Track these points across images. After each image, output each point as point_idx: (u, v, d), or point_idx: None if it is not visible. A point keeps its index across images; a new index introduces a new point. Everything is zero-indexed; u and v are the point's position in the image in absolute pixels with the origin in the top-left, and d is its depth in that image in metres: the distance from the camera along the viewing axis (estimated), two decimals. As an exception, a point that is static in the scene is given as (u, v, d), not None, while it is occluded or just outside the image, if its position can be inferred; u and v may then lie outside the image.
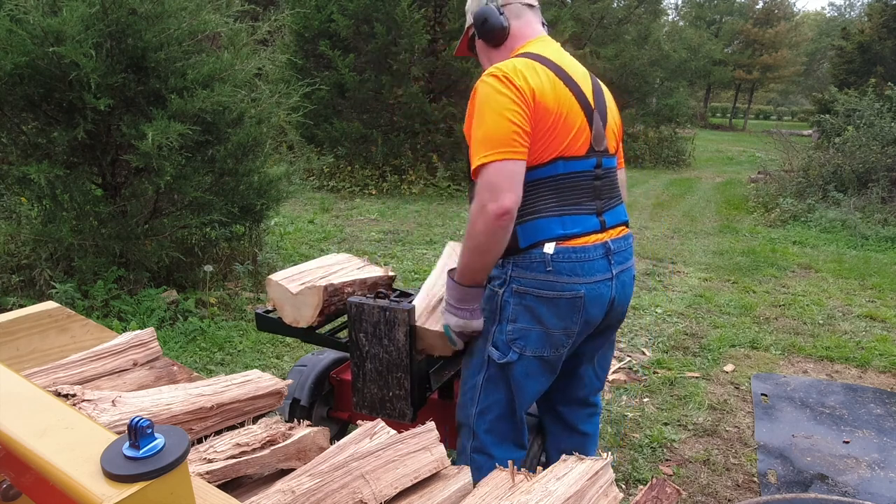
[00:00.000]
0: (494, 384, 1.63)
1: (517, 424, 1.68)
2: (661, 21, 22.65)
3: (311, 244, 5.76)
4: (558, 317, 1.54)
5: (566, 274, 1.51)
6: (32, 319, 1.29)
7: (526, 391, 1.63)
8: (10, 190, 3.77)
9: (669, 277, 5.35)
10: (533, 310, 1.54)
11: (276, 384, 1.26)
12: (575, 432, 1.89)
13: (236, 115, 3.77)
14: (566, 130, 1.51)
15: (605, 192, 1.62)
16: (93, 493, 0.59)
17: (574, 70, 1.59)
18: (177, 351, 3.32)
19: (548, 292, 1.52)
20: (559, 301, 1.53)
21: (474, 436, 1.68)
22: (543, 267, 1.51)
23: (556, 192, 1.53)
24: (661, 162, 14.21)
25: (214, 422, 1.15)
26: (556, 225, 1.52)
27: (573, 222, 1.54)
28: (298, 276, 1.91)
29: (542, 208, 1.53)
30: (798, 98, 44.48)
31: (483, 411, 1.66)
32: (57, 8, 3.20)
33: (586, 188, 1.57)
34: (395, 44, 8.12)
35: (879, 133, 8.30)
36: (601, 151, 1.59)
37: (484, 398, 1.65)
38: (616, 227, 1.64)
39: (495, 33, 1.63)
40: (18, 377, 0.82)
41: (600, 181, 1.60)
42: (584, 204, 1.57)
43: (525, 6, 1.67)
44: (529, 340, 1.56)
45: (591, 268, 1.53)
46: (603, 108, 1.62)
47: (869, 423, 2.98)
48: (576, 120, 1.52)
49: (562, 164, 1.52)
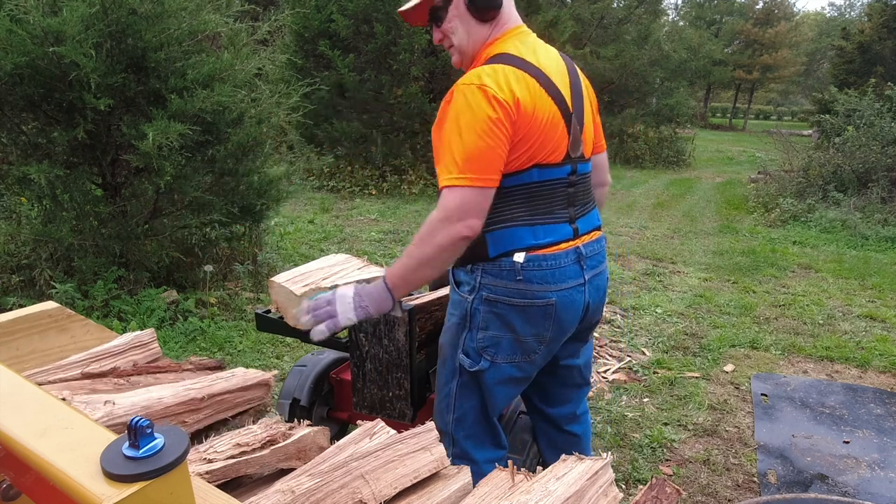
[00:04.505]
0: (468, 391, 1.61)
1: (493, 427, 1.67)
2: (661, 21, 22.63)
3: (311, 244, 5.76)
4: (530, 324, 1.51)
5: (537, 282, 1.48)
6: (32, 319, 1.29)
7: (497, 397, 1.61)
8: (10, 190, 3.77)
9: (669, 277, 5.35)
10: (503, 317, 1.51)
11: (264, 375, 1.28)
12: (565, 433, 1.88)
13: (236, 115, 3.77)
14: (545, 139, 1.46)
15: (579, 198, 1.58)
16: (93, 493, 0.59)
17: (552, 69, 1.51)
18: (177, 351, 3.32)
19: (518, 300, 1.49)
20: (530, 308, 1.50)
21: (454, 442, 1.67)
22: (514, 275, 1.48)
23: (528, 200, 1.49)
24: (661, 162, 14.21)
25: (207, 413, 1.15)
26: (527, 234, 1.49)
27: (545, 231, 1.50)
28: (301, 278, 1.90)
29: (514, 217, 1.49)
30: (798, 98, 44.49)
31: (460, 418, 1.64)
32: (57, 8, 3.20)
33: (560, 196, 1.53)
34: (394, 44, 8.12)
35: (879, 133, 8.30)
36: (577, 158, 1.55)
37: (459, 405, 1.63)
38: (589, 232, 1.61)
39: (490, 6, 1.50)
40: (18, 377, 0.82)
41: (574, 188, 1.56)
42: (557, 212, 1.53)
43: None
44: (501, 348, 1.54)
45: (563, 274, 1.50)
46: (580, 110, 1.56)
47: (869, 423, 2.98)
48: (556, 128, 1.48)
49: (536, 172, 1.48)
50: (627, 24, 15.84)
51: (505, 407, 1.68)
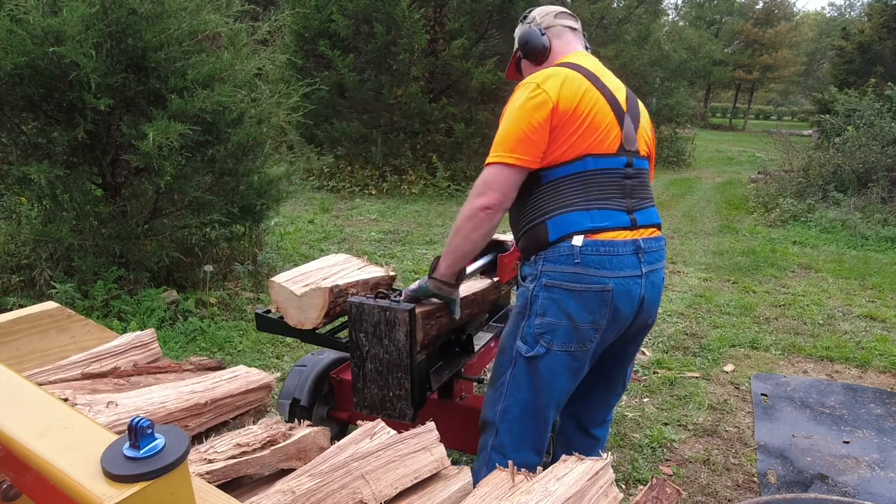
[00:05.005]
0: (521, 381, 1.64)
1: (539, 426, 1.68)
2: (661, 21, 22.63)
3: (311, 244, 5.76)
4: (586, 310, 1.55)
5: (594, 266, 1.53)
6: (32, 319, 1.29)
7: (551, 388, 1.63)
8: (10, 190, 3.77)
9: (669, 277, 5.35)
10: (560, 303, 1.56)
11: (266, 378, 1.28)
12: (588, 435, 1.90)
13: (236, 115, 3.77)
14: (594, 129, 1.56)
15: (637, 191, 1.66)
16: (93, 494, 0.59)
17: (609, 79, 1.67)
18: (177, 351, 3.32)
19: (575, 285, 1.54)
20: (586, 294, 1.54)
21: (497, 433, 1.69)
22: (571, 259, 1.54)
23: (584, 187, 1.57)
24: (662, 162, 14.21)
25: (209, 417, 1.16)
26: (584, 218, 1.56)
27: (602, 216, 1.57)
28: (301, 278, 1.90)
29: (571, 203, 1.57)
30: (798, 98, 44.47)
31: (507, 408, 1.67)
32: (57, 8, 3.20)
33: (616, 185, 1.60)
34: (394, 44, 8.12)
35: (879, 133, 8.30)
36: (632, 151, 1.64)
37: (510, 394, 1.66)
38: (648, 227, 1.66)
39: (537, 52, 1.76)
40: (18, 377, 0.82)
41: (631, 180, 1.63)
42: (614, 200, 1.60)
43: (566, 28, 1.79)
44: (557, 335, 1.58)
45: (620, 262, 1.55)
46: (636, 113, 1.68)
47: (869, 423, 2.98)
48: (605, 119, 1.58)
49: (591, 160, 1.57)
50: (627, 24, 15.82)
51: (558, 404, 1.69)
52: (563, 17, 1.80)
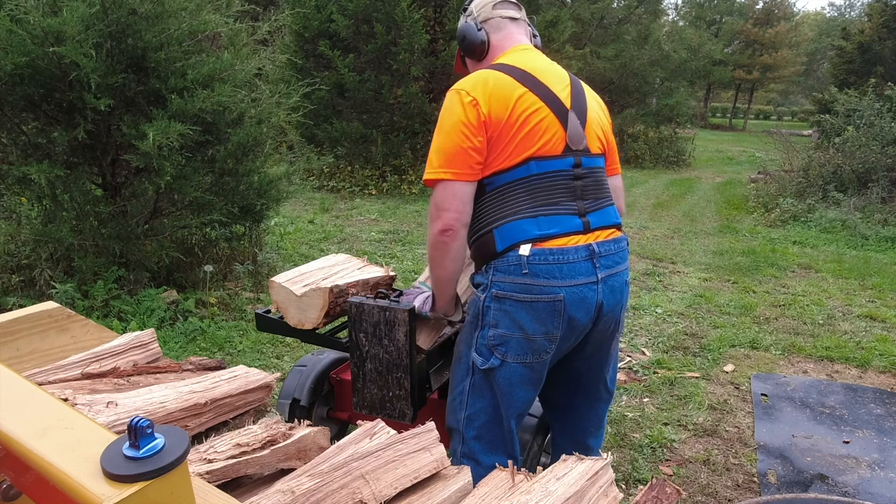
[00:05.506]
0: (481, 390, 1.61)
1: (505, 434, 1.65)
2: (661, 21, 22.64)
3: (311, 244, 5.76)
4: (538, 321, 1.51)
5: (543, 276, 1.48)
6: (32, 319, 1.29)
7: (511, 399, 1.60)
8: (10, 190, 3.77)
9: (669, 277, 5.35)
10: (512, 314, 1.51)
11: (266, 378, 1.27)
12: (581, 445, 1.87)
13: (236, 115, 3.77)
14: (534, 133, 1.50)
15: (590, 192, 1.58)
16: (93, 493, 0.59)
17: (547, 75, 1.58)
18: (177, 351, 3.32)
19: (525, 296, 1.49)
20: (538, 304, 1.49)
21: (463, 441, 1.67)
22: (520, 270, 1.48)
23: (530, 193, 1.51)
24: (661, 162, 14.21)
25: (208, 417, 1.15)
26: (531, 226, 1.50)
27: (550, 222, 1.51)
28: (301, 278, 1.90)
29: (517, 210, 1.51)
30: (798, 98, 44.45)
31: (471, 417, 1.64)
32: (57, 8, 3.20)
33: (564, 188, 1.54)
34: (394, 44, 8.12)
35: (879, 133, 8.30)
36: (580, 150, 1.56)
37: (471, 403, 1.63)
38: (604, 229, 1.59)
39: (475, 48, 1.70)
40: (18, 377, 0.82)
41: (581, 181, 1.56)
42: (563, 204, 1.53)
43: (507, 20, 1.70)
44: (510, 347, 1.54)
45: (572, 270, 1.49)
46: (582, 109, 1.60)
47: (869, 423, 2.98)
48: (543, 122, 1.51)
49: (534, 164, 1.51)
50: (627, 24, 15.85)
51: (520, 412, 1.66)
52: (503, 7, 1.71)
